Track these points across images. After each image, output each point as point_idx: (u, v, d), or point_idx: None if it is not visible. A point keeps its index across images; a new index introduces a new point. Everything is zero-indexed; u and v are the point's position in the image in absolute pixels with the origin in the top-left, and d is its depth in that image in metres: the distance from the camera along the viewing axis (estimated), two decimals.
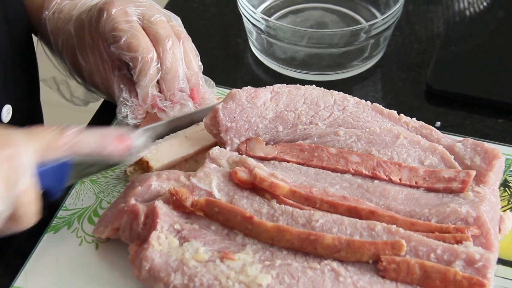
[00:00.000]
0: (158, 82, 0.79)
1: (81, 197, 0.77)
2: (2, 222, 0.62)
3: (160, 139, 0.78)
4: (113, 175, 0.79)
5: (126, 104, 0.80)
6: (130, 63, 0.78)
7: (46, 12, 0.87)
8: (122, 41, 0.77)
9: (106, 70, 0.82)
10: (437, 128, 0.85)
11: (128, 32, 0.78)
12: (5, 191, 0.60)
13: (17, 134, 0.64)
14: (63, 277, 0.70)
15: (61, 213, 0.75)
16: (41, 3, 0.88)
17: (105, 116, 0.88)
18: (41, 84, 0.95)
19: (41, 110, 0.99)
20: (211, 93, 0.83)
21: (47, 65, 0.92)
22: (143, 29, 0.79)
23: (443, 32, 0.98)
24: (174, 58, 0.79)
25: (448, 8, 1.03)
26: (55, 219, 0.74)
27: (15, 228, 0.65)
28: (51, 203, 0.76)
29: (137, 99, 0.79)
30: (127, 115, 0.80)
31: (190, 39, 0.82)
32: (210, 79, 0.84)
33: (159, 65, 0.78)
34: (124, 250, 0.69)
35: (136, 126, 0.80)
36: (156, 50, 0.78)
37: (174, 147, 0.76)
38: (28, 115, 0.92)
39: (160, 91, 0.79)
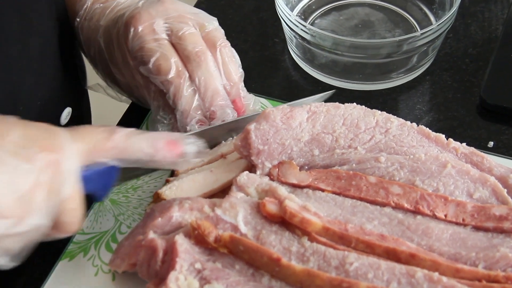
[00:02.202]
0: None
1: (100, 219, 0.72)
2: (44, 233, 0.57)
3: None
4: (134, 194, 0.74)
5: (164, 123, 0.74)
6: (162, 87, 0.72)
7: (78, 19, 0.81)
8: (151, 63, 0.71)
9: (142, 87, 0.76)
10: (490, 149, 0.78)
11: (156, 52, 0.72)
12: (47, 200, 0.56)
13: (63, 135, 0.59)
14: None
15: (77, 237, 0.70)
16: (74, 8, 0.82)
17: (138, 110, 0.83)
18: None
19: (91, 111, 0.95)
20: (255, 102, 0.77)
21: (91, 71, 0.87)
22: (173, 46, 0.72)
23: (501, 35, 0.89)
24: (209, 75, 0.72)
25: (509, 5, 0.94)
26: (71, 244, 0.70)
27: (57, 235, 0.61)
28: None
29: (175, 116, 0.73)
30: None
31: (228, 44, 0.75)
32: (251, 95, 0.78)
33: (193, 85, 0.72)
34: (143, 283, 0.64)
35: None
36: (187, 69, 0.72)
37: (197, 183, 0.69)
38: (82, 117, 0.89)
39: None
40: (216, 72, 0.73)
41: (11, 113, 0.72)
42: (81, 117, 0.88)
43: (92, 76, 0.86)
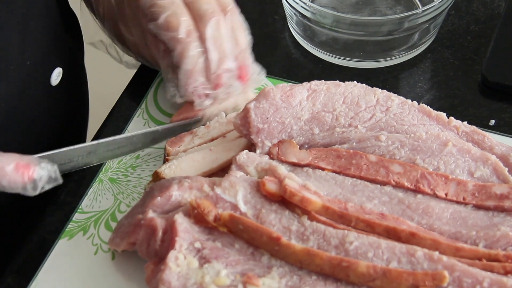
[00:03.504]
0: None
1: (99, 198, 0.71)
2: None
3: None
4: (133, 173, 0.73)
5: (173, 83, 0.73)
6: (169, 45, 0.71)
7: None
8: (161, 19, 0.70)
9: (151, 45, 0.75)
10: (491, 127, 0.77)
11: (168, 9, 0.70)
12: None
13: None
14: None
15: (76, 216, 0.70)
16: None
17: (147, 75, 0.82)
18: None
19: (86, 75, 0.94)
20: (260, 73, 0.76)
21: (95, 28, 0.86)
22: (186, 6, 0.71)
23: (503, 12, 0.88)
24: (220, 35, 0.71)
25: None
26: (70, 223, 0.69)
27: None
28: (66, 203, 0.72)
29: None
30: (175, 94, 0.73)
31: (237, 11, 0.74)
32: (257, 65, 0.77)
33: (202, 46, 0.71)
34: (142, 262, 0.64)
35: None
36: (199, 29, 0.71)
37: (196, 162, 0.69)
38: (75, 79, 0.88)
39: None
40: (227, 35, 0.72)
41: (2, 73, 0.71)
42: (74, 78, 0.87)
43: (97, 33, 0.85)
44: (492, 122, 0.78)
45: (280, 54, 0.87)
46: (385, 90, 0.72)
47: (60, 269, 0.66)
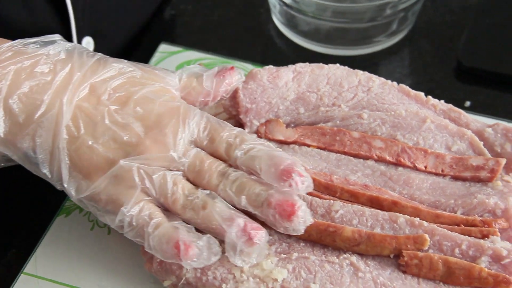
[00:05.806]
0: None
1: None
2: None
3: None
4: None
5: None
6: None
7: None
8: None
9: None
10: (467, 108, 0.81)
11: None
12: None
13: None
14: (74, 264, 0.68)
15: None
16: None
17: None
18: None
19: None
20: None
21: None
22: None
23: (477, 2, 0.93)
24: None
25: None
26: (67, 201, 0.72)
27: None
28: None
29: None
30: None
31: None
32: None
33: None
34: None
35: None
36: None
37: None
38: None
39: None
40: None
41: None
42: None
43: None
44: (468, 103, 0.82)
45: (264, 45, 0.91)
46: (366, 72, 0.75)
47: (58, 244, 0.69)
